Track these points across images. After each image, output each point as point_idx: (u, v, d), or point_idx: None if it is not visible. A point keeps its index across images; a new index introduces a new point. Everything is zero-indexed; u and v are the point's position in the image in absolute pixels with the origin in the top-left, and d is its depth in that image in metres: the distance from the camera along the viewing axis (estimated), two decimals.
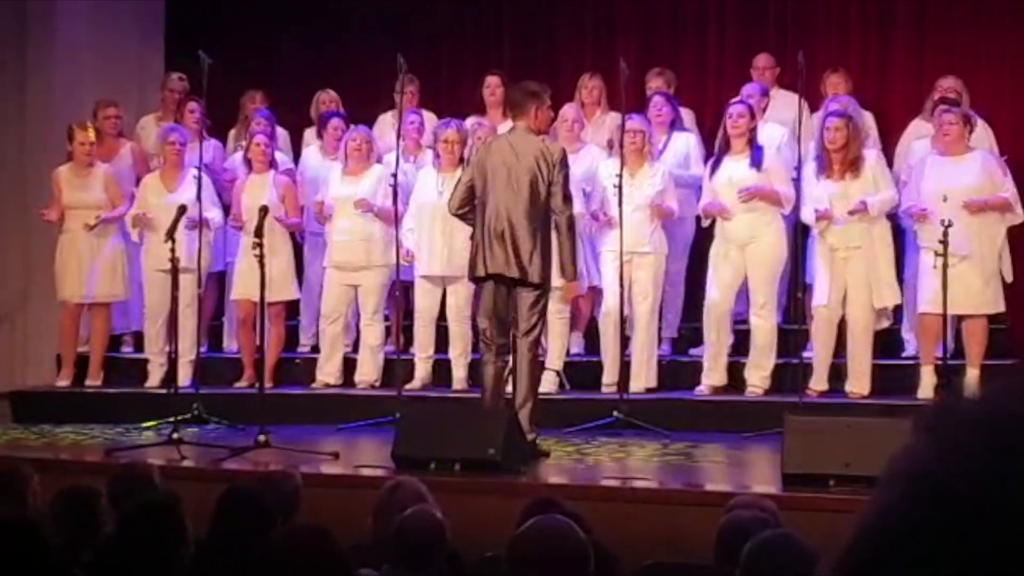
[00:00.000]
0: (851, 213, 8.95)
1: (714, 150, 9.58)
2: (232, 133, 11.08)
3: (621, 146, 9.24)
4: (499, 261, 7.87)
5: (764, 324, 9.35)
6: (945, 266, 8.31)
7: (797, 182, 9.22)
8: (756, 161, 9.24)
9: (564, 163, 8.04)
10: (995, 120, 10.03)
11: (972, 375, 8.88)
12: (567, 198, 8.01)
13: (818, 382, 9.15)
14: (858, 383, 9.11)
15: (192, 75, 10.28)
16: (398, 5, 11.90)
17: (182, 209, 9.01)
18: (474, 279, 8.19)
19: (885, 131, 10.32)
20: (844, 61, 10.80)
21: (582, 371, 9.77)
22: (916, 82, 10.69)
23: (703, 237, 9.75)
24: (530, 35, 11.88)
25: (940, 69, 10.52)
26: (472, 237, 8.11)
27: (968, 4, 10.85)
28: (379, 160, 10.17)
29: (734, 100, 9.67)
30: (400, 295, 9.56)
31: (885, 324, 9.36)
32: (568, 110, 10.09)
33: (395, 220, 9.45)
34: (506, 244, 7.87)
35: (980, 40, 10.80)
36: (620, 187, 9.02)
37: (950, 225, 8.34)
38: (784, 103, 10.06)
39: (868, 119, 10.14)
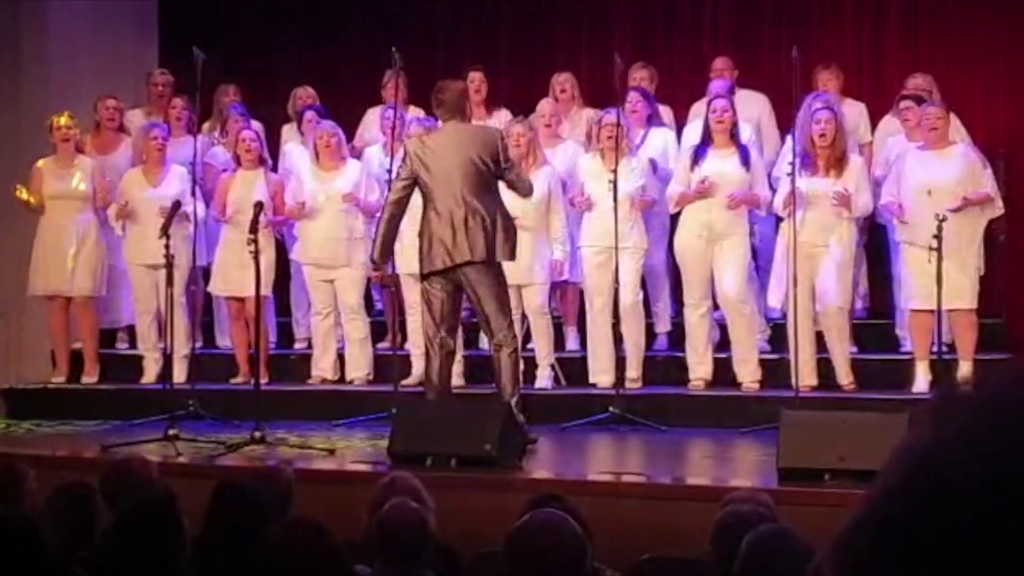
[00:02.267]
0: (836, 197, 8.93)
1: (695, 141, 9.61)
2: (205, 126, 11.01)
3: (616, 142, 9.24)
4: (449, 251, 7.99)
5: (739, 320, 9.36)
6: (940, 260, 8.31)
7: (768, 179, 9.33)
8: (745, 159, 9.28)
9: (504, 144, 8.27)
10: (990, 112, 10.04)
11: (965, 368, 8.89)
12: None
13: (804, 378, 9.08)
14: (845, 376, 9.14)
15: (186, 71, 10.27)
16: (394, 1, 11.90)
17: (176, 205, 9.00)
18: (424, 275, 8.21)
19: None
20: (838, 55, 10.80)
21: (578, 366, 9.77)
22: (911, 76, 10.69)
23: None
24: (526, 32, 11.89)
25: (935, 62, 10.53)
26: (420, 235, 8.18)
27: None
28: (359, 155, 10.19)
29: (714, 95, 9.67)
30: (395, 290, 9.57)
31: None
32: (544, 106, 10.10)
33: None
34: (456, 233, 7.99)
35: (975, 33, 10.81)
36: (615, 184, 9.03)
37: (944, 220, 8.34)
38: (745, 102, 10.07)
39: (860, 111, 10.16)
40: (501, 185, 8.25)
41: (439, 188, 8.07)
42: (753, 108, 10.29)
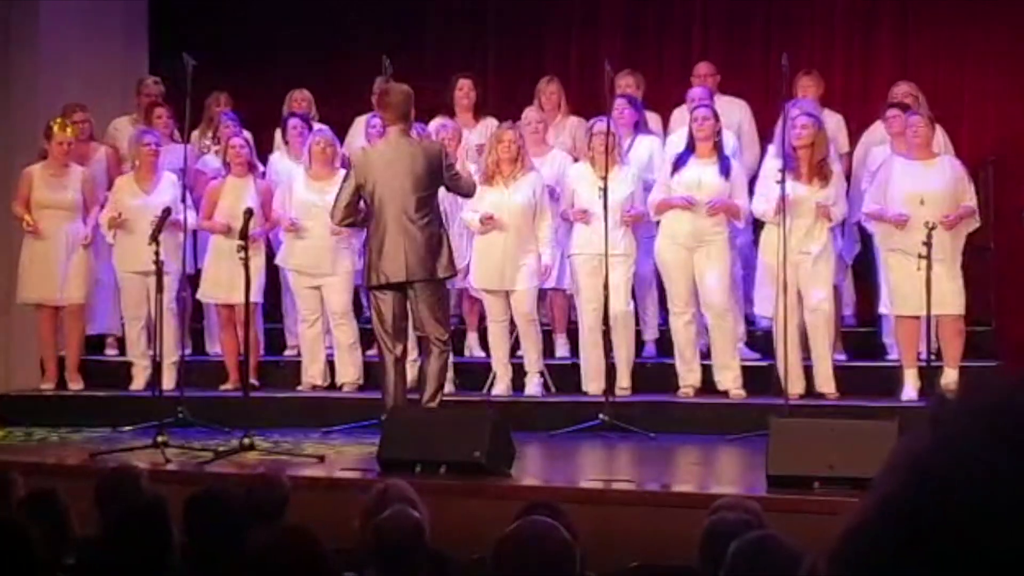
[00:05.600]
0: (819, 208, 8.96)
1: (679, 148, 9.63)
2: (195, 134, 10.95)
3: (606, 149, 9.24)
4: (401, 267, 8.19)
5: (721, 326, 9.36)
6: (929, 268, 8.34)
7: (750, 186, 9.34)
8: (725, 169, 9.29)
9: (447, 154, 8.53)
10: (980, 118, 10.07)
11: (951, 376, 8.90)
12: (466, 180, 8.62)
13: (791, 386, 9.03)
14: (826, 383, 9.14)
15: (176, 77, 10.26)
16: (384, 5, 11.90)
17: (166, 212, 8.99)
18: (373, 287, 8.37)
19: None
20: (828, 61, 10.84)
21: (567, 374, 9.77)
22: (896, 83, 10.71)
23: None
24: (515, 37, 11.90)
25: (924, 68, 10.57)
26: (366, 245, 8.42)
27: (951, 2, 10.88)
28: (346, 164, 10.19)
29: (697, 103, 9.67)
30: None
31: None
32: (530, 113, 10.10)
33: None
34: (405, 248, 8.18)
35: (964, 39, 10.84)
36: (605, 191, 9.04)
37: (934, 228, 8.38)
38: (725, 109, 10.08)
39: (837, 122, 10.17)
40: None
41: (387, 201, 8.23)
42: (734, 114, 10.29)
